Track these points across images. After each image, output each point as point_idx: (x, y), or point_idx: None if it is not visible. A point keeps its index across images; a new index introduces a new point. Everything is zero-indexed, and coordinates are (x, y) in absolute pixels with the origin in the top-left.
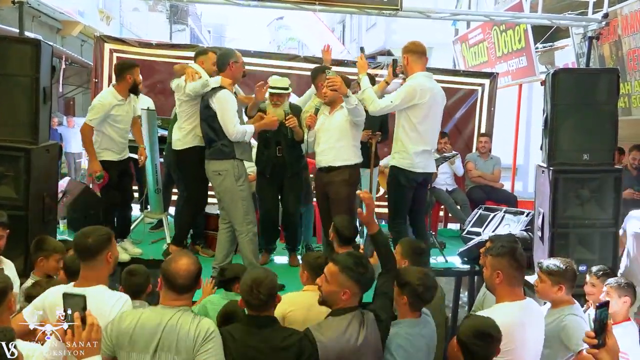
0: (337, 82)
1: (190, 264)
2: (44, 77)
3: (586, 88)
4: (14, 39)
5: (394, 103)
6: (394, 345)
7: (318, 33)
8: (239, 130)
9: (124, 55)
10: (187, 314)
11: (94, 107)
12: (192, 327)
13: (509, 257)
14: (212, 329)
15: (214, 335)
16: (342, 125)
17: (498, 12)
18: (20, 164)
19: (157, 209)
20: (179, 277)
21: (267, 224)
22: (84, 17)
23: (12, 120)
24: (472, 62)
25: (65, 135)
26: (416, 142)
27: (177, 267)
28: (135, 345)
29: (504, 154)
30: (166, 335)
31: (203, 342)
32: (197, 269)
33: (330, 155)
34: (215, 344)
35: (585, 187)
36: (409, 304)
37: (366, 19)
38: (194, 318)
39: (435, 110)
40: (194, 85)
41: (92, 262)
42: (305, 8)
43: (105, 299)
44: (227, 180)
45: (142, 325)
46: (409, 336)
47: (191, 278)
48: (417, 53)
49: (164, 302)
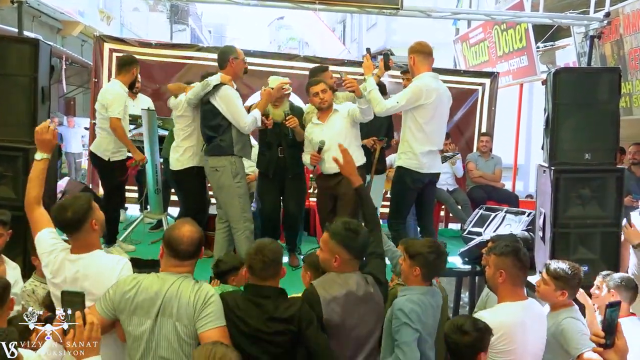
0: (354, 83)
1: (194, 231)
2: (43, 76)
3: (587, 87)
4: (13, 39)
5: (399, 104)
6: (407, 308)
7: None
8: (249, 120)
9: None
10: (188, 280)
11: (114, 100)
12: (192, 294)
13: (512, 257)
14: (211, 294)
15: (213, 300)
16: (343, 128)
17: (499, 11)
18: (19, 164)
19: (157, 209)
20: (182, 243)
21: (268, 224)
22: (84, 17)
23: (11, 120)
24: (473, 62)
25: (65, 135)
26: (422, 143)
27: (180, 233)
28: (137, 310)
29: (505, 154)
30: (167, 301)
31: (203, 307)
32: (200, 236)
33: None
34: (215, 308)
35: (586, 186)
36: (422, 274)
37: (367, 19)
38: (195, 284)
39: (441, 111)
40: (194, 90)
41: (78, 233)
42: (306, 7)
43: (104, 262)
44: (224, 177)
45: (144, 291)
46: (421, 302)
47: (194, 244)
48: (424, 53)
49: (165, 269)
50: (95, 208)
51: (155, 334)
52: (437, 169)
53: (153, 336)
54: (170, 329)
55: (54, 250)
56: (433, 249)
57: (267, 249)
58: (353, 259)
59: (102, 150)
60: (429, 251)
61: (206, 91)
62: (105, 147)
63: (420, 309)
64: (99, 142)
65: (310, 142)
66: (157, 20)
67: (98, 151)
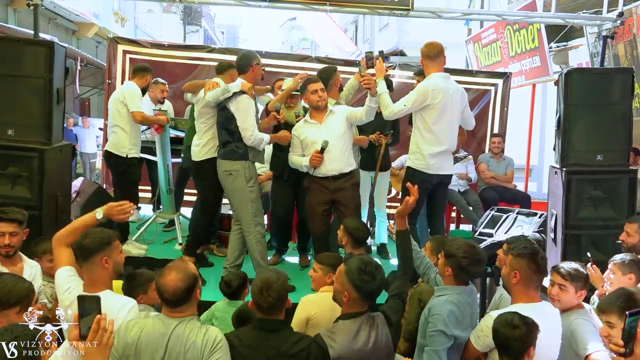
0: (372, 80)
1: (179, 280)
2: (58, 78)
3: (600, 88)
4: (28, 41)
5: (407, 106)
6: (447, 312)
7: (331, 33)
8: (257, 137)
9: (136, 56)
10: (193, 322)
11: (132, 95)
12: (199, 337)
13: (528, 259)
14: (219, 339)
15: (222, 345)
16: (341, 130)
17: (511, 12)
18: (34, 164)
19: (169, 209)
20: (165, 293)
21: (281, 225)
22: (99, 19)
23: (26, 121)
24: (485, 62)
25: (80, 136)
26: (431, 143)
27: (164, 282)
28: (141, 356)
29: (517, 155)
30: (172, 345)
31: (211, 353)
32: (187, 285)
33: (340, 162)
34: (223, 354)
35: (598, 188)
36: (454, 275)
37: (379, 20)
38: (201, 327)
39: (451, 110)
40: (214, 93)
41: (87, 264)
42: (316, 8)
43: (112, 303)
44: (237, 181)
45: (147, 335)
46: (458, 302)
47: (178, 295)
48: (430, 56)
49: (165, 313)
50: (114, 248)
51: None
52: (447, 171)
53: None
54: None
55: (69, 288)
56: (467, 255)
57: (273, 289)
58: (362, 300)
59: (119, 147)
60: (463, 256)
61: (226, 96)
62: (122, 144)
63: (458, 309)
64: (115, 140)
65: (302, 142)
66: (170, 22)
67: (115, 149)
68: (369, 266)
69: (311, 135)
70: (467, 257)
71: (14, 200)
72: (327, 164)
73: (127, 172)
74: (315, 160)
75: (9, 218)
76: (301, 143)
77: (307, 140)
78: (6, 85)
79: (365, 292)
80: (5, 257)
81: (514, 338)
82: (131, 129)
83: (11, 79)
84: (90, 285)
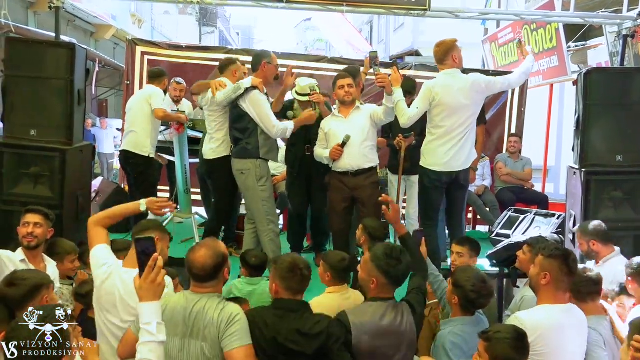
0: (386, 78)
1: (208, 256)
2: (79, 79)
3: (620, 88)
4: (50, 43)
5: (419, 108)
6: (449, 343)
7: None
8: (280, 127)
9: (155, 57)
10: (213, 299)
11: (155, 95)
12: (216, 314)
13: (561, 261)
14: (235, 313)
15: (238, 319)
16: (364, 126)
17: (529, 11)
18: (56, 164)
19: (186, 208)
20: (194, 268)
21: (295, 222)
22: (116, 21)
23: (48, 121)
24: (502, 62)
25: (98, 136)
26: (441, 140)
27: (194, 257)
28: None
29: (534, 156)
30: (193, 321)
31: (227, 327)
32: (215, 262)
33: (359, 158)
34: (240, 328)
35: (618, 189)
36: (460, 305)
37: (394, 20)
38: (219, 304)
39: (462, 105)
40: (226, 92)
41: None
42: (333, 9)
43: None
44: (249, 180)
45: (171, 310)
46: (464, 334)
47: (205, 271)
48: (439, 59)
49: (191, 289)
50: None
51: (184, 353)
52: (457, 167)
53: (182, 355)
54: (198, 351)
55: (106, 264)
56: (475, 289)
57: (303, 266)
58: (390, 285)
59: (140, 147)
60: (471, 290)
61: (238, 94)
62: (143, 144)
63: (463, 339)
64: (135, 140)
65: (326, 134)
66: (186, 23)
67: (136, 149)
68: (394, 251)
69: (335, 128)
70: (475, 291)
71: (36, 199)
72: (345, 158)
73: (146, 172)
74: (335, 153)
75: (35, 209)
76: (325, 135)
77: (330, 132)
78: (29, 86)
79: (394, 276)
80: (27, 248)
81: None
82: (152, 129)
83: (34, 80)
84: (132, 262)
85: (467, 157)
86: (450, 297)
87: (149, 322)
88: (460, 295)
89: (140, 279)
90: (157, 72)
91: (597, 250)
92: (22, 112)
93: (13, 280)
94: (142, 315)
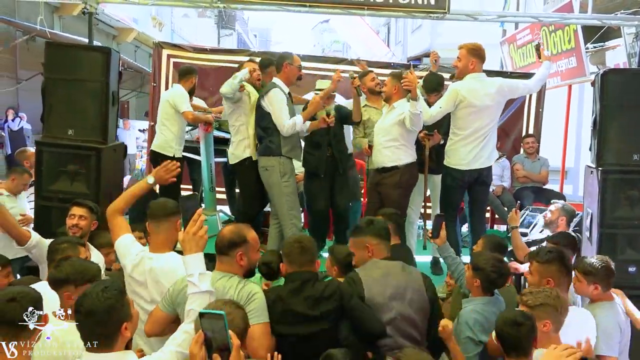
0: (413, 82)
1: (229, 231)
2: (113, 82)
3: (636, 88)
4: (86, 47)
5: (442, 108)
6: (472, 320)
7: (363, 36)
8: (289, 123)
9: (180, 60)
10: (234, 279)
11: (181, 97)
12: (236, 292)
13: (558, 263)
14: (254, 291)
15: (257, 297)
16: (393, 125)
17: (546, 14)
18: (92, 162)
19: (211, 206)
20: (217, 240)
21: (319, 222)
22: (137, 24)
23: (84, 122)
24: (520, 64)
25: (121, 137)
26: (465, 140)
27: (221, 231)
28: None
29: (553, 156)
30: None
31: (246, 304)
32: (230, 239)
33: (382, 155)
34: (258, 305)
35: (635, 188)
36: (482, 287)
37: (412, 21)
38: (239, 282)
39: (487, 107)
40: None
41: (159, 227)
42: (354, 13)
43: (178, 262)
44: (273, 176)
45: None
46: (485, 312)
47: (222, 243)
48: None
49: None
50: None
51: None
52: (479, 165)
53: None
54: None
55: (137, 251)
56: (496, 269)
57: (304, 238)
58: (382, 242)
59: (167, 147)
60: (492, 270)
61: (238, 82)
62: (169, 144)
63: (484, 317)
64: (163, 140)
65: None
66: (205, 25)
67: (162, 149)
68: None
69: (379, 120)
70: (495, 271)
71: (73, 196)
72: (373, 155)
73: None
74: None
75: (80, 202)
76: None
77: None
78: (66, 88)
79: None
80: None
81: (523, 335)
82: (178, 129)
83: (71, 82)
84: (157, 246)
85: (489, 156)
86: (472, 281)
87: (192, 273)
88: (482, 277)
89: (184, 232)
90: (185, 70)
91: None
92: (60, 112)
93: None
94: (186, 267)
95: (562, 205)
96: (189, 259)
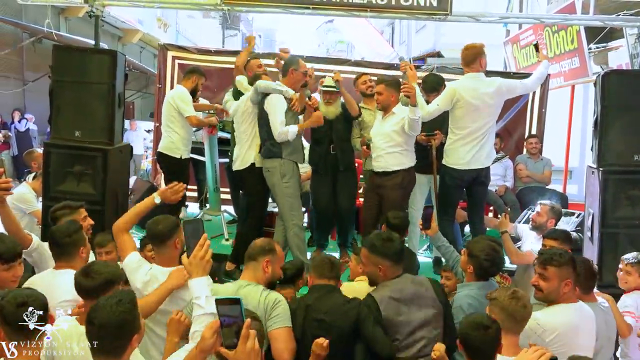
0: (412, 89)
1: (259, 240)
2: (119, 84)
3: (637, 89)
4: (93, 50)
5: (439, 106)
6: (466, 305)
7: (367, 36)
8: (282, 130)
9: (185, 62)
10: (257, 287)
11: (182, 99)
12: (262, 298)
13: (573, 265)
14: (279, 299)
15: (282, 304)
16: (396, 131)
17: (548, 15)
18: (98, 163)
19: (216, 206)
20: (249, 247)
21: (322, 218)
22: (143, 25)
23: (91, 123)
24: (524, 64)
25: (129, 138)
26: (464, 140)
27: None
28: None
29: (557, 157)
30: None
31: (272, 309)
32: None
33: (385, 160)
34: (283, 311)
35: (636, 188)
36: (475, 273)
37: (416, 21)
38: (263, 291)
39: (486, 107)
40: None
41: (163, 247)
42: (357, 15)
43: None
44: (274, 177)
45: (220, 293)
46: (479, 297)
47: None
48: (465, 60)
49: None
50: (181, 230)
51: None
52: (478, 165)
53: None
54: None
55: (142, 268)
56: (489, 258)
57: (333, 257)
58: (394, 265)
59: (174, 148)
60: (485, 258)
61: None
62: (176, 146)
63: (477, 301)
64: (169, 142)
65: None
66: (210, 26)
67: (169, 151)
68: (383, 234)
69: (374, 127)
70: (489, 259)
71: (80, 196)
72: (373, 160)
73: (179, 172)
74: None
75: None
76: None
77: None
78: (73, 91)
79: (394, 254)
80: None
81: (488, 339)
82: (184, 131)
83: (78, 85)
84: (164, 262)
85: (488, 155)
86: (465, 266)
87: (198, 296)
88: (475, 264)
89: (190, 257)
90: (188, 70)
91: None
92: (67, 114)
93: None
94: (192, 291)
95: (551, 207)
96: (195, 283)
